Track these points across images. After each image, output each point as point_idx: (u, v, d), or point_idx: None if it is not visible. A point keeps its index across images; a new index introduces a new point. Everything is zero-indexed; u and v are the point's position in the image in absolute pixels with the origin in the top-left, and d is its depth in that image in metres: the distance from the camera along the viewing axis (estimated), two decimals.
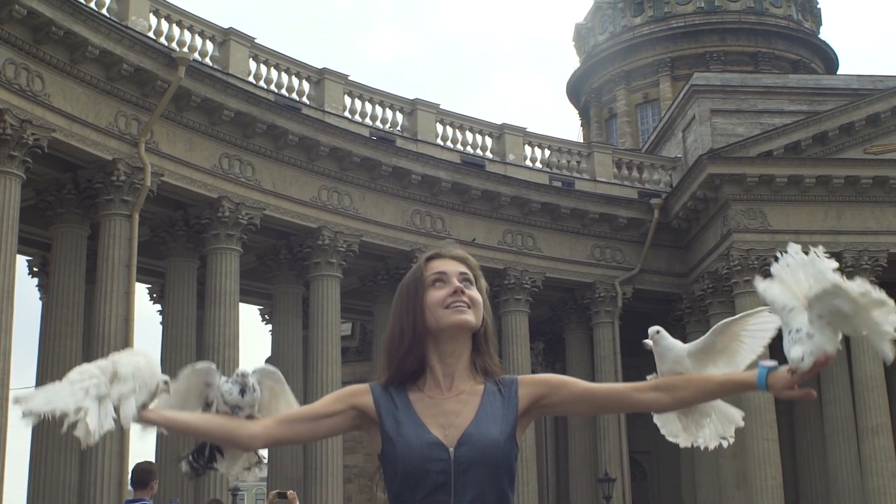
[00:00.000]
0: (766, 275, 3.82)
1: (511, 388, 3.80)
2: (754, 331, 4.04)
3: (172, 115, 26.96)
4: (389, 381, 3.81)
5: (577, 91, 59.22)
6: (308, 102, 30.69)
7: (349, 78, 31.84)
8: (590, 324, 36.15)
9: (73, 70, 24.67)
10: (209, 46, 28.82)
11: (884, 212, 34.06)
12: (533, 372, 37.72)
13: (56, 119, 24.18)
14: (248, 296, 32.97)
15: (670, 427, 4.12)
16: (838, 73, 54.00)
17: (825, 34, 57.83)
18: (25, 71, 23.60)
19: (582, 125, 59.36)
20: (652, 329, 4.07)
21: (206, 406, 3.98)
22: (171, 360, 28.13)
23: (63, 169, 25.89)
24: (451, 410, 3.73)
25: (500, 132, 35.26)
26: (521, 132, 35.69)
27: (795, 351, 3.65)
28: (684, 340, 4.19)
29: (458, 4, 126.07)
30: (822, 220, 33.86)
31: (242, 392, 3.95)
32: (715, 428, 4.08)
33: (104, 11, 26.14)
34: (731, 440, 4.06)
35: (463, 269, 3.86)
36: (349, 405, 3.78)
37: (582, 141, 48.20)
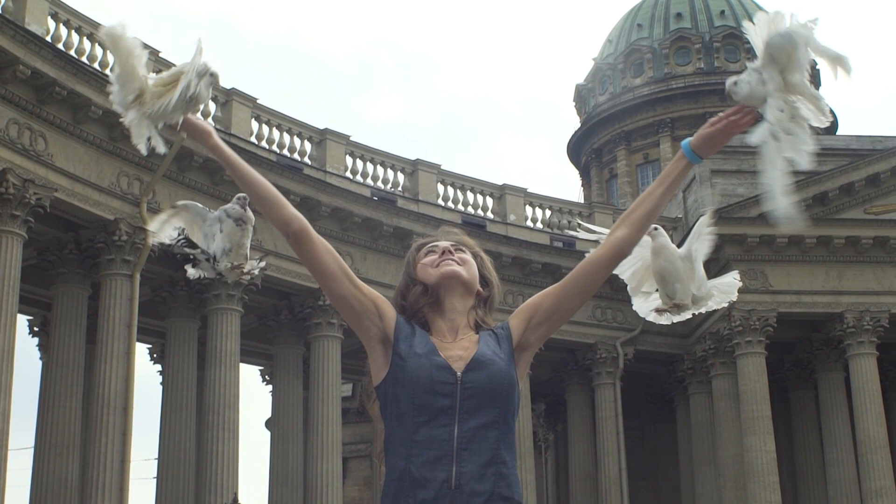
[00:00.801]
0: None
1: (503, 326, 4.06)
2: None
3: (174, 174, 27.03)
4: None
5: (578, 151, 59.43)
6: (309, 162, 30.79)
7: (350, 138, 31.97)
8: (591, 385, 35.99)
9: (76, 130, 24.76)
10: (212, 107, 28.96)
11: (885, 272, 34.03)
12: (535, 435, 37.59)
13: (58, 179, 24.23)
14: (248, 356, 32.87)
15: (684, 314, 4.93)
16: (838, 133, 54.19)
17: (824, 94, 57.74)
18: (28, 131, 23.69)
19: (583, 185, 59.49)
20: (651, 227, 4.54)
21: (209, 237, 4.26)
22: (171, 421, 28.04)
23: (65, 228, 25.90)
24: (458, 349, 3.92)
25: (501, 192, 35.34)
26: (522, 192, 35.77)
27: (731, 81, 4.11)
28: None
29: (459, 66, 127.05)
30: (823, 281, 33.83)
31: (244, 207, 4.31)
32: (718, 298, 4.95)
33: (107, 72, 26.24)
34: (734, 298, 4.99)
35: (454, 243, 4.18)
36: (375, 302, 4.00)
37: (583, 201, 48.30)
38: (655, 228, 4.70)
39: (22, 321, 28.64)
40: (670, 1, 57.60)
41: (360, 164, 32.35)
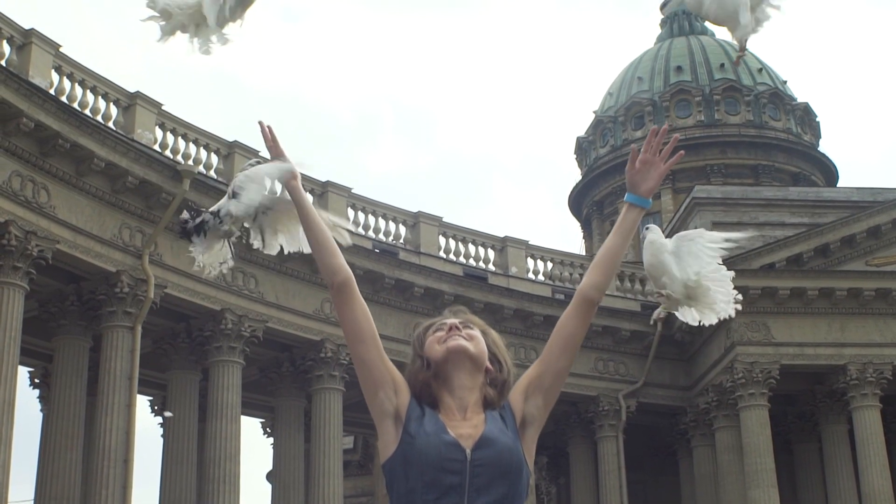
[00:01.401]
0: None
1: (505, 405, 4.09)
2: (711, 247, 4.96)
3: (176, 227, 27.03)
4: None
5: (579, 204, 59.55)
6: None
7: (352, 191, 32.05)
8: (594, 438, 35.83)
9: (79, 182, 24.84)
10: (214, 159, 29.05)
11: (887, 324, 33.96)
12: (537, 488, 37.38)
13: (61, 231, 24.28)
14: (249, 408, 32.76)
15: (690, 316, 4.95)
16: (838, 185, 54.38)
17: (825, 147, 58.27)
18: (31, 183, 23.76)
19: (584, 237, 59.55)
20: (645, 227, 4.81)
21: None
22: (172, 474, 27.92)
23: (66, 280, 25.92)
24: (467, 427, 3.95)
25: (502, 245, 35.36)
26: (524, 245, 35.79)
27: None
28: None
29: (460, 119, 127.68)
30: (825, 333, 33.76)
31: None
32: (720, 305, 5.00)
33: (110, 124, 26.42)
34: (740, 297, 5.15)
35: (462, 320, 4.17)
36: (394, 377, 4.08)
37: (584, 253, 48.31)
38: (647, 228, 4.91)
39: (23, 373, 28.58)
40: (670, 54, 57.92)
41: (361, 216, 32.41)
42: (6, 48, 24.43)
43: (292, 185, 4.39)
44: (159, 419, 31.98)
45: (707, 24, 44.62)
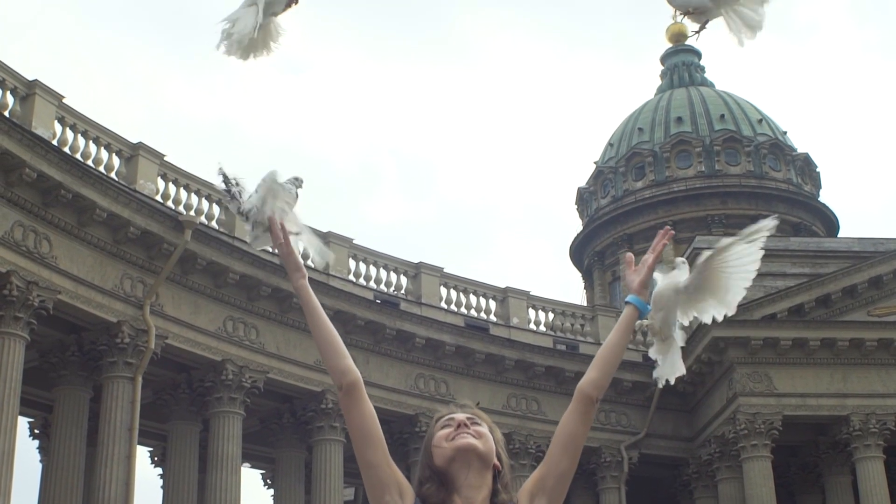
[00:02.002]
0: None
1: None
2: (737, 265, 4.66)
3: (178, 277, 27.08)
4: None
5: (580, 254, 59.55)
6: (312, 265, 30.80)
7: (354, 241, 32.08)
8: (596, 489, 35.63)
9: (81, 233, 24.88)
10: (216, 210, 29.11)
11: (890, 374, 33.85)
12: None
13: (62, 281, 24.29)
14: (250, 459, 32.63)
15: (665, 362, 4.94)
16: (839, 235, 54.38)
17: (825, 197, 58.38)
18: (33, 233, 23.80)
19: (585, 288, 59.49)
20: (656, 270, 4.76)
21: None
22: None
23: (67, 330, 25.89)
24: None
25: (503, 295, 35.35)
26: (525, 295, 35.77)
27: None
28: None
29: (461, 169, 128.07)
30: (828, 383, 33.66)
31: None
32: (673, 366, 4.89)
33: (113, 175, 26.51)
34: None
35: (470, 416, 4.08)
36: (399, 480, 4.00)
37: (585, 304, 48.29)
38: (683, 262, 4.91)
39: (22, 423, 28.49)
40: (671, 105, 58.15)
41: (362, 266, 32.43)
42: (10, 99, 24.57)
43: (300, 284, 4.31)
44: (159, 470, 31.85)
45: (706, 76, 44.83)
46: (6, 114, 23.87)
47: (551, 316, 36.44)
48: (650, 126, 57.61)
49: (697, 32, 4.70)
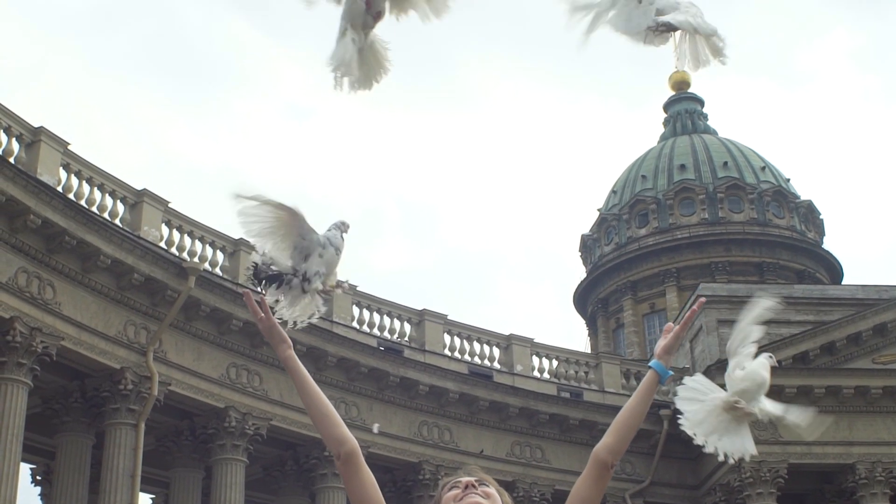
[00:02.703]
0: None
1: None
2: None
3: (181, 324, 27.05)
4: None
5: (584, 301, 59.51)
6: (318, 317, 30.69)
7: (357, 288, 32.03)
8: None
9: (85, 279, 24.89)
10: (220, 256, 29.13)
11: (895, 422, 33.72)
12: None
13: (65, 327, 24.27)
14: None
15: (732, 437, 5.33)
16: (843, 282, 54.32)
17: (828, 244, 58.42)
18: (37, 279, 23.81)
19: (589, 335, 59.41)
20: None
21: (299, 252, 4.39)
22: None
23: (70, 377, 25.84)
24: None
25: (507, 343, 35.28)
26: (529, 343, 35.70)
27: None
28: None
29: (465, 216, 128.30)
30: (833, 432, 33.48)
31: (342, 236, 4.47)
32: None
33: (117, 221, 26.56)
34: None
35: (478, 478, 4.03)
36: None
37: (589, 351, 48.24)
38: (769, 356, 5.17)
39: (24, 470, 28.37)
40: (674, 152, 58.33)
41: (366, 314, 32.39)
42: (15, 145, 24.65)
43: (287, 355, 4.35)
44: None
45: (709, 123, 45.03)
46: (11, 160, 23.96)
47: (555, 363, 36.34)
48: (653, 173, 57.77)
49: (662, 31, 4.87)
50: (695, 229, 54.55)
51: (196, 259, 27.97)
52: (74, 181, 26.08)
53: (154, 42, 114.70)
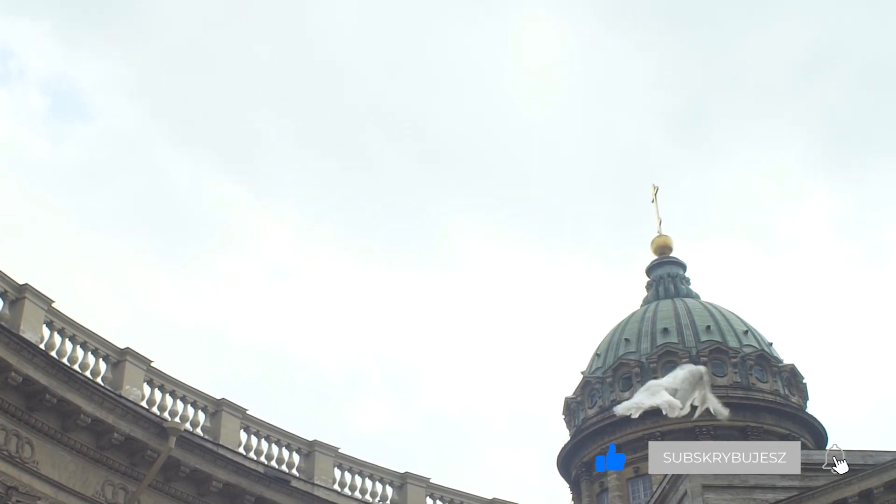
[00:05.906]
0: None
1: None
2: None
3: (160, 484, 26.70)
4: None
5: (568, 464, 59.06)
6: (297, 474, 30.44)
7: (339, 450, 31.70)
8: None
9: (64, 437, 24.67)
10: (201, 416, 28.92)
11: None
12: None
13: (43, 487, 23.95)
14: None
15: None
16: (828, 447, 54.06)
17: (812, 408, 58.34)
18: (16, 437, 23.60)
19: (573, 499, 58.82)
20: None
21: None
22: None
23: None
24: None
25: None
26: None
27: None
28: None
29: (447, 377, 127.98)
30: None
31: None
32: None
33: (99, 380, 26.44)
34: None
35: None
36: None
37: None
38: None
39: None
40: (657, 316, 58.66)
41: (348, 476, 32.00)
42: None
43: None
44: None
45: (692, 287, 45.40)
46: None
47: None
48: (637, 337, 57.99)
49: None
50: None
51: (177, 419, 27.75)
52: (57, 339, 26.04)
53: (141, 200, 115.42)
